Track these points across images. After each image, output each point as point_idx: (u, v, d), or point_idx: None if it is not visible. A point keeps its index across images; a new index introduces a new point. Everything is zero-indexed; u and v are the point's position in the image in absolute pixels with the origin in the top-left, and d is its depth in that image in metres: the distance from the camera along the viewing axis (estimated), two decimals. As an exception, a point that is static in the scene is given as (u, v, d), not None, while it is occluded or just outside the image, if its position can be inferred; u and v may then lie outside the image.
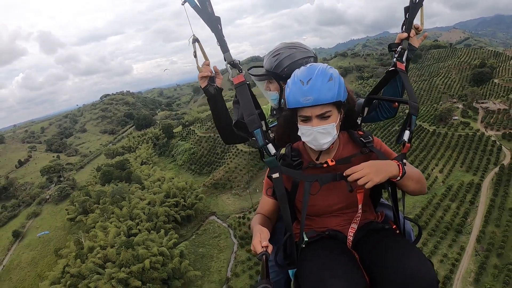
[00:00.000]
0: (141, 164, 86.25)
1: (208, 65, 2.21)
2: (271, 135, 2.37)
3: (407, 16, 2.10)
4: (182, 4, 1.88)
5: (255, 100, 2.10)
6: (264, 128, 2.11)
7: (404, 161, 1.82)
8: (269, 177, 1.90)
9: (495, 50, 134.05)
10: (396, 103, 2.26)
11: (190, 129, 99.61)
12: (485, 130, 59.09)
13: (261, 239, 1.70)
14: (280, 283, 2.29)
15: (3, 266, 59.45)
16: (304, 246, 1.90)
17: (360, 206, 1.84)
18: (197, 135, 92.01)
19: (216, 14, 1.92)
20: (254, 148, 1.96)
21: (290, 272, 1.96)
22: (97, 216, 56.19)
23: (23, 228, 70.34)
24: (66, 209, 67.81)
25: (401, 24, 2.14)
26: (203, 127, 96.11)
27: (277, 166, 1.85)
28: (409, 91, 1.90)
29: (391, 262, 1.59)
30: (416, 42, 2.20)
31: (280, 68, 2.53)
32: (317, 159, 1.99)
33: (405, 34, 2.10)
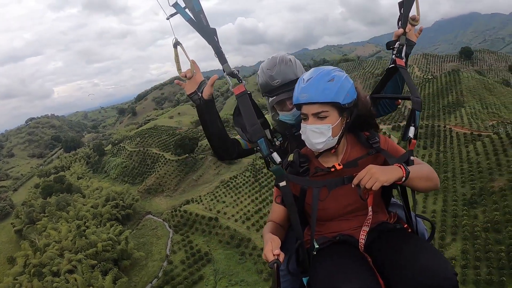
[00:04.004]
0: (78, 179, 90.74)
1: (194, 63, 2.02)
2: (277, 143, 2.44)
3: (401, 11, 2.02)
4: (167, 19, 1.86)
5: (257, 110, 2.12)
6: (269, 136, 2.30)
7: (413, 158, 1.82)
8: (277, 185, 1.80)
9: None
10: (400, 100, 2.26)
11: (120, 146, 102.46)
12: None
13: (272, 247, 1.61)
14: None
15: (-49, 281, 61.95)
16: (315, 253, 1.81)
17: (370, 208, 1.74)
18: (128, 150, 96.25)
19: (140, 36, 3.58)
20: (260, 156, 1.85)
21: (304, 280, 1.84)
22: (46, 222, 61.84)
23: (-33, 247, 73.00)
24: (12, 223, 70.96)
25: (397, 20, 2.04)
26: (132, 143, 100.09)
27: (284, 175, 1.77)
28: (411, 87, 1.86)
29: (404, 260, 1.55)
30: (413, 36, 2.10)
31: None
32: (318, 159, 1.94)
33: (401, 30, 2.01)
